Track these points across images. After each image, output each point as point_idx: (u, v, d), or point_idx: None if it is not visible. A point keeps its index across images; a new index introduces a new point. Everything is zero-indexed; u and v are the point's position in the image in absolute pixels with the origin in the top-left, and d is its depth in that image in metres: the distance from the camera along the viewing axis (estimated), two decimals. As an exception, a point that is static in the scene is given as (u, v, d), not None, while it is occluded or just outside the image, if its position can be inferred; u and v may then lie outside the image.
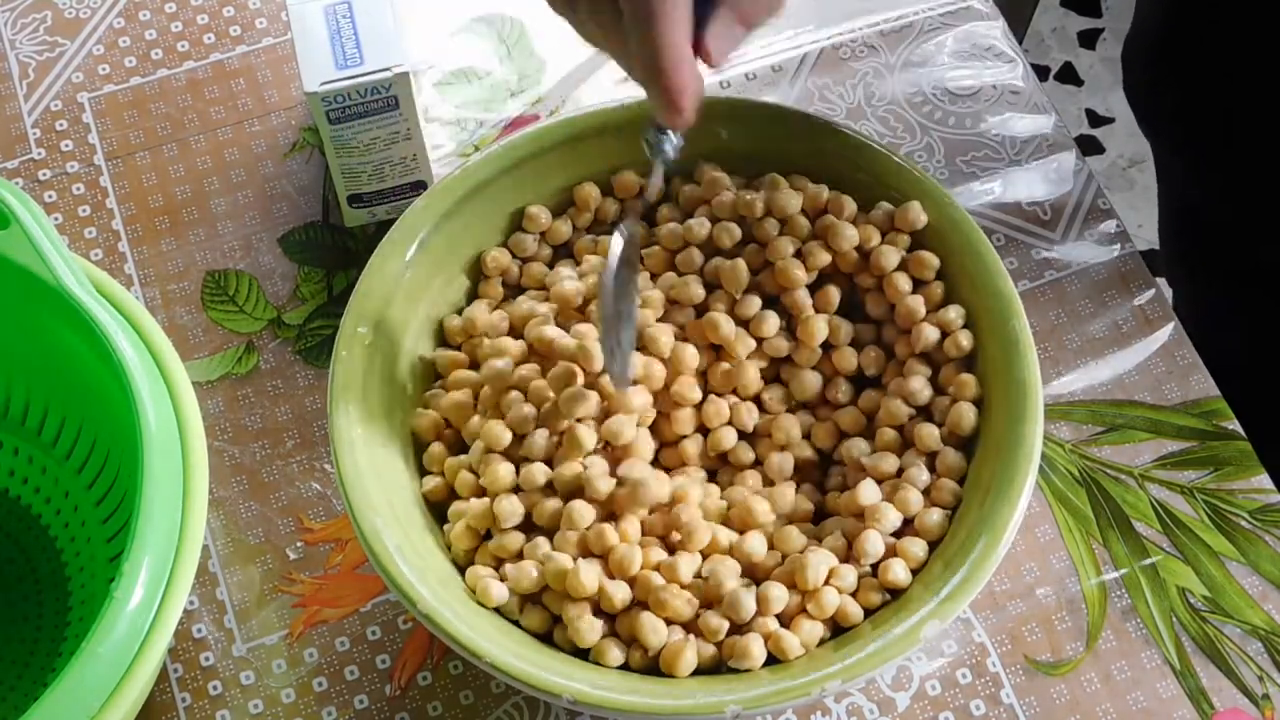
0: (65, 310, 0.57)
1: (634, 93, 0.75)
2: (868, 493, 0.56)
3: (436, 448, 0.59)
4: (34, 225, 0.58)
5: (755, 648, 0.53)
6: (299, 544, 0.64)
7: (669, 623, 0.54)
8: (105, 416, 0.61)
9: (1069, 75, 1.70)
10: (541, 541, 0.56)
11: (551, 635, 0.55)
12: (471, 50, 0.76)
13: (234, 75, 0.76)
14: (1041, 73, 1.69)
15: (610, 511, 0.56)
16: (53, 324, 0.59)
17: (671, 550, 0.56)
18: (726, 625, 0.54)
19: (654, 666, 0.54)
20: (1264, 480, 0.65)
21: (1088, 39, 1.72)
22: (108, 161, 0.73)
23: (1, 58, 0.76)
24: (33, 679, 0.62)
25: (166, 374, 0.58)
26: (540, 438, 0.57)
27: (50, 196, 0.72)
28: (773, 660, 0.54)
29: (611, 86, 0.75)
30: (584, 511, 0.55)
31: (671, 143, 0.54)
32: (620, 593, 0.54)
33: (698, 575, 0.55)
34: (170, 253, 0.71)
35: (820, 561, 0.54)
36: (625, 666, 0.54)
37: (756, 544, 0.55)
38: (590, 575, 0.54)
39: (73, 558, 0.64)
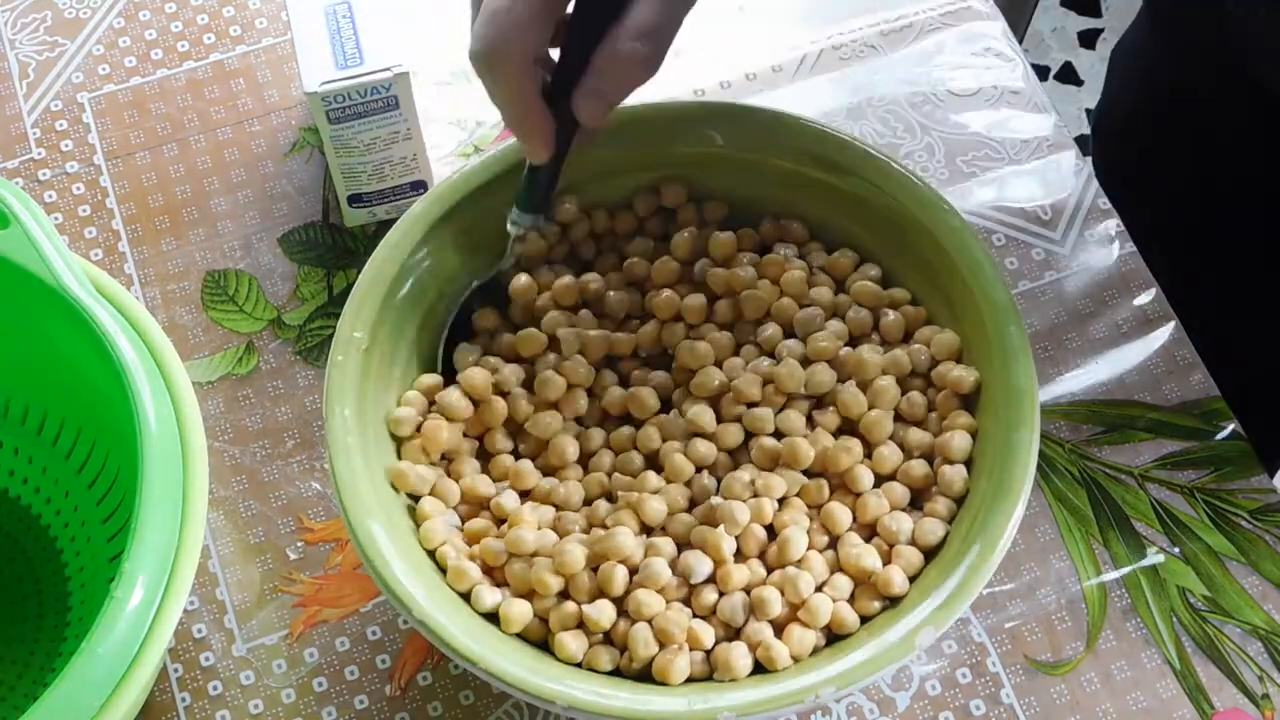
0: (65, 310, 0.57)
1: (631, 98, 0.75)
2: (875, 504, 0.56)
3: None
4: (34, 225, 0.58)
5: (737, 659, 0.53)
6: (299, 544, 0.64)
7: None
8: (105, 416, 0.61)
9: (1069, 75, 1.70)
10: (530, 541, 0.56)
11: (548, 641, 0.55)
12: (471, 50, 0.76)
13: (234, 75, 0.76)
14: (1041, 73, 1.69)
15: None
16: (53, 324, 0.59)
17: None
18: (713, 635, 0.54)
19: (648, 670, 0.54)
20: (1264, 480, 0.65)
21: (1088, 39, 1.72)
22: (108, 161, 0.73)
23: (1, 58, 0.76)
24: (33, 679, 0.62)
25: (166, 374, 0.58)
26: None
27: (50, 196, 0.72)
28: (764, 669, 0.54)
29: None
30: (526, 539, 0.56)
31: (523, 225, 0.59)
32: (605, 614, 0.54)
33: (683, 580, 0.55)
34: (170, 253, 0.71)
35: (808, 580, 0.54)
36: (618, 670, 0.54)
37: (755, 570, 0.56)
38: (570, 605, 0.54)
39: (73, 558, 0.64)
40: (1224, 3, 0.68)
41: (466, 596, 0.55)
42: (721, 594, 0.55)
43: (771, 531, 0.56)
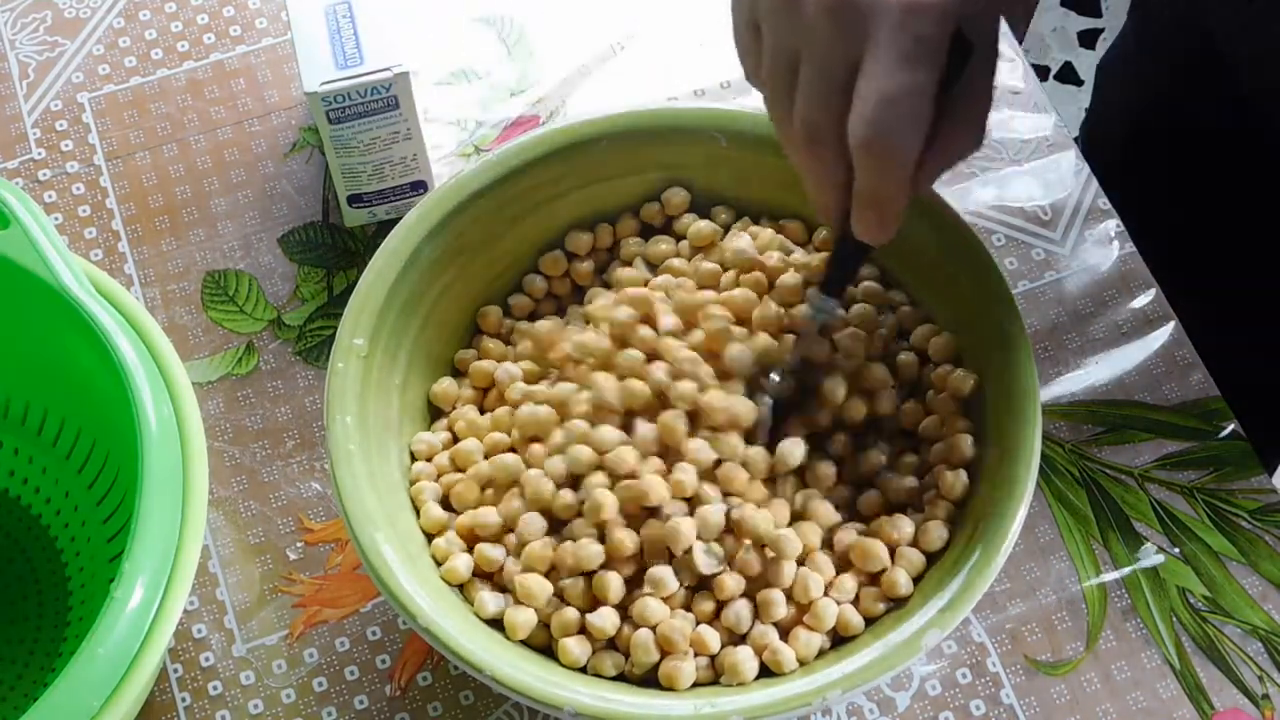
0: (65, 310, 0.57)
1: (632, 98, 0.75)
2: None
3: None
4: (34, 225, 0.58)
5: (744, 663, 0.53)
6: (299, 544, 0.64)
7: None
8: (105, 416, 0.61)
9: (1069, 75, 1.70)
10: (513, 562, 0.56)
11: (551, 646, 0.55)
12: (471, 50, 0.76)
13: (234, 75, 0.76)
14: (1041, 73, 1.69)
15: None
16: (53, 324, 0.59)
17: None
18: (719, 639, 0.54)
19: (652, 675, 0.54)
20: (1264, 480, 0.65)
21: (1088, 39, 1.72)
22: (108, 161, 0.73)
23: (1, 58, 0.76)
24: (33, 679, 0.62)
25: (166, 374, 0.58)
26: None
27: (50, 196, 0.72)
28: (769, 673, 0.54)
29: (610, 89, 0.75)
30: (534, 524, 0.55)
31: (821, 310, 0.56)
32: (608, 620, 0.54)
33: (688, 587, 0.55)
34: (170, 253, 0.71)
35: (817, 580, 0.54)
36: (622, 675, 0.54)
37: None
38: (571, 611, 0.54)
39: (73, 558, 0.64)
40: (1213, 36, 0.68)
41: (463, 592, 0.56)
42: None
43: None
